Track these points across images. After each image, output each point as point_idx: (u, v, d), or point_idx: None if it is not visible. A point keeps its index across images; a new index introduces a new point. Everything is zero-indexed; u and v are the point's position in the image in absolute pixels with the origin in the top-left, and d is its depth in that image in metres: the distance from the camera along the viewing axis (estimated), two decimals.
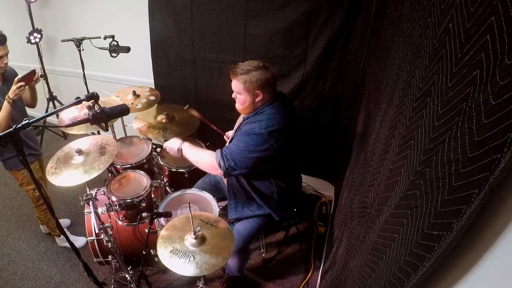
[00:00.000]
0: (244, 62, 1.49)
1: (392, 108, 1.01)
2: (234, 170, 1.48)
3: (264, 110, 1.51)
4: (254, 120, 1.50)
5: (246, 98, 1.51)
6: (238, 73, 1.47)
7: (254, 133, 1.45)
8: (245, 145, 1.46)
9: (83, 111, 1.85)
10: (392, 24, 1.30)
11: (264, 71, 1.47)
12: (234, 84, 1.51)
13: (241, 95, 1.51)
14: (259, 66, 1.47)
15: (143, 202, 1.75)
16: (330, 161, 2.45)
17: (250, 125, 1.50)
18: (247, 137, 1.47)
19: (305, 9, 1.92)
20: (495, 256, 0.51)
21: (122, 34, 2.29)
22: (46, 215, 2.23)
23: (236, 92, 1.53)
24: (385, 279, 0.77)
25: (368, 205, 1.09)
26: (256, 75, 1.45)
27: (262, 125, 1.45)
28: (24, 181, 2.07)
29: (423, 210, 0.63)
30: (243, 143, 1.46)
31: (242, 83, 1.47)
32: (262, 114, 1.51)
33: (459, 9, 0.60)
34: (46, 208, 2.20)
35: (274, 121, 1.46)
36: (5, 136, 0.98)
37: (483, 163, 0.47)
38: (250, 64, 1.47)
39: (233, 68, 1.49)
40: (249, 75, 1.45)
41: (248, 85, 1.46)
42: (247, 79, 1.45)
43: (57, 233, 2.37)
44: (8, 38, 1.94)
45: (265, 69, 1.48)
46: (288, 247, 2.38)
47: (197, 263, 1.27)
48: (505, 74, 0.43)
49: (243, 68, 1.46)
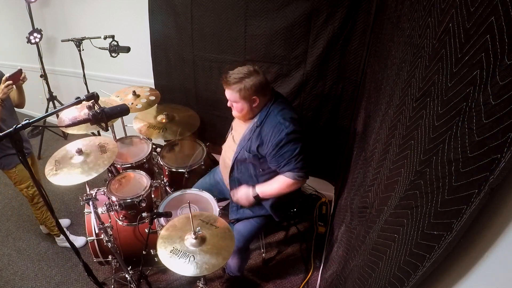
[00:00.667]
0: (234, 70, 1.48)
1: (392, 108, 1.01)
2: (306, 168, 1.54)
3: (271, 110, 1.52)
4: (272, 126, 1.49)
5: (244, 106, 1.50)
6: (232, 82, 1.46)
7: (289, 139, 1.47)
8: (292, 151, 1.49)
9: (83, 111, 1.85)
10: (392, 24, 1.30)
11: (256, 75, 1.46)
12: (229, 93, 1.50)
13: (238, 103, 1.51)
14: (250, 72, 1.46)
15: (143, 202, 1.75)
16: (330, 161, 2.45)
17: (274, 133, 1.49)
18: (288, 145, 1.48)
19: (305, 9, 1.92)
20: (495, 256, 0.51)
21: (122, 34, 2.29)
22: (42, 214, 2.23)
23: (232, 101, 1.52)
24: (385, 279, 0.77)
25: (368, 205, 1.09)
26: (249, 82, 1.44)
27: (286, 125, 1.47)
28: (17, 179, 2.07)
29: (423, 210, 0.63)
30: (291, 151, 1.49)
31: (238, 92, 1.46)
32: (272, 115, 1.51)
33: (459, 9, 0.60)
34: (42, 206, 2.21)
35: (289, 114, 1.51)
36: (5, 136, 0.98)
37: (483, 163, 0.47)
38: (241, 71, 1.46)
39: (224, 77, 1.48)
40: (243, 82, 1.44)
41: (244, 93, 1.46)
42: (242, 87, 1.45)
43: (56, 233, 2.37)
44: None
45: (256, 73, 1.47)
46: (288, 247, 2.38)
47: (197, 263, 1.27)
48: (505, 74, 0.43)
49: (235, 76, 1.45)
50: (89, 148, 1.68)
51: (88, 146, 1.69)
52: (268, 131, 1.50)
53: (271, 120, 1.51)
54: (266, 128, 1.51)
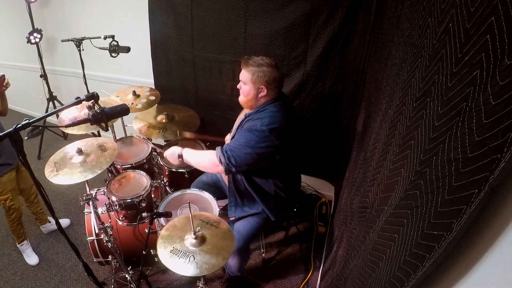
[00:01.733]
0: (258, 57, 1.51)
1: (392, 108, 1.01)
2: (234, 166, 1.49)
3: (266, 108, 1.53)
4: (256, 118, 1.51)
5: (251, 91, 1.52)
6: (250, 64, 1.49)
7: (256, 130, 1.46)
8: (245, 141, 1.47)
9: (83, 111, 1.85)
10: (392, 24, 1.30)
11: (274, 69, 1.49)
12: (243, 73, 1.53)
13: (246, 86, 1.53)
14: (271, 64, 1.49)
15: (143, 202, 1.75)
16: (330, 161, 2.45)
17: (252, 122, 1.51)
18: (248, 133, 1.48)
19: (305, 9, 1.92)
20: (495, 256, 0.51)
21: (122, 34, 2.29)
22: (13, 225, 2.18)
23: (242, 82, 1.55)
24: (385, 279, 0.77)
25: (368, 205, 1.09)
26: (265, 71, 1.47)
27: (264, 122, 1.46)
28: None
29: (423, 210, 0.63)
30: (244, 139, 1.47)
31: (251, 74, 1.49)
32: (263, 111, 1.52)
33: (459, 9, 0.60)
34: (15, 219, 2.15)
35: (275, 119, 1.47)
36: (5, 136, 0.98)
37: (483, 163, 0.47)
38: (264, 60, 1.50)
39: (246, 58, 1.51)
40: (259, 68, 1.48)
41: (255, 78, 1.48)
42: (256, 71, 1.48)
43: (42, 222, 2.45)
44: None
45: (276, 68, 1.50)
46: (288, 247, 2.38)
47: (197, 263, 1.27)
48: (505, 74, 0.43)
49: (256, 61, 1.49)
50: (89, 148, 1.68)
51: (88, 146, 1.69)
52: (250, 120, 1.53)
53: (259, 115, 1.52)
54: (251, 119, 1.54)
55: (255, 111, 1.55)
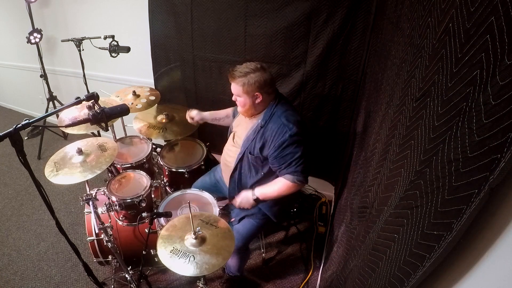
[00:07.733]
0: (242, 65, 1.50)
1: (392, 108, 1.01)
2: (306, 173, 1.54)
3: (274, 111, 1.53)
4: (276, 127, 1.49)
5: (246, 101, 1.52)
6: (237, 76, 1.48)
7: (292, 141, 1.47)
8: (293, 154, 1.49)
9: (83, 111, 1.85)
10: (392, 24, 1.30)
11: (262, 72, 1.48)
12: (233, 87, 1.53)
13: (241, 98, 1.53)
14: (256, 68, 1.48)
15: (143, 202, 1.75)
16: (330, 161, 2.45)
17: (277, 134, 1.49)
18: (290, 148, 1.48)
19: (305, 9, 1.92)
20: (495, 256, 0.51)
21: (122, 34, 2.29)
22: None
23: (236, 95, 1.55)
24: (385, 279, 0.78)
25: (368, 205, 1.09)
26: (254, 77, 1.46)
27: (290, 127, 1.47)
28: None
29: (423, 210, 0.63)
30: (293, 154, 1.49)
31: (241, 86, 1.48)
32: (275, 115, 1.52)
33: (459, 9, 0.60)
34: None
35: (293, 117, 1.51)
36: (5, 136, 0.98)
37: (483, 163, 0.47)
38: (248, 67, 1.48)
39: (231, 71, 1.51)
40: (247, 77, 1.47)
41: (247, 88, 1.48)
42: (245, 81, 1.47)
43: None
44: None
45: (263, 70, 1.49)
46: (288, 247, 2.38)
47: (197, 263, 1.27)
48: (505, 74, 0.43)
49: (241, 70, 1.48)
50: (89, 148, 1.68)
51: (88, 146, 1.69)
52: (272, 132, 1.51)
53: (275, 121, 1.51)
54: (270, 129, 1.52)
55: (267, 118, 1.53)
